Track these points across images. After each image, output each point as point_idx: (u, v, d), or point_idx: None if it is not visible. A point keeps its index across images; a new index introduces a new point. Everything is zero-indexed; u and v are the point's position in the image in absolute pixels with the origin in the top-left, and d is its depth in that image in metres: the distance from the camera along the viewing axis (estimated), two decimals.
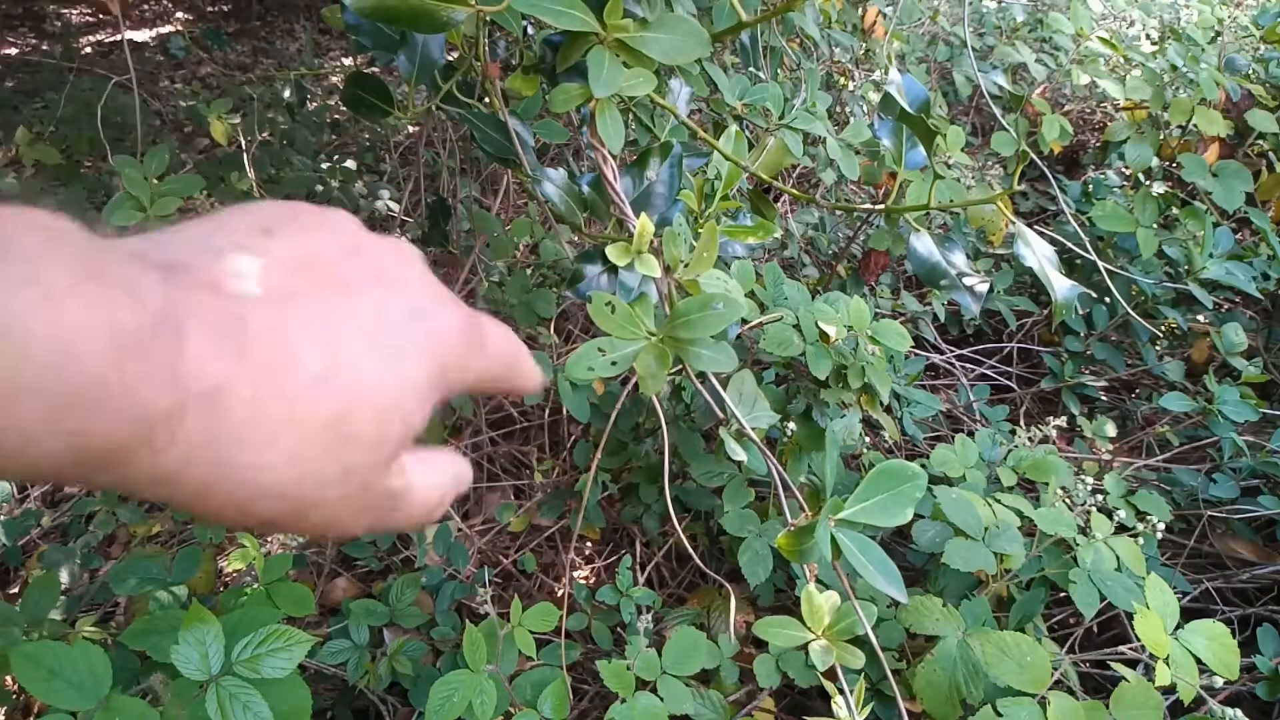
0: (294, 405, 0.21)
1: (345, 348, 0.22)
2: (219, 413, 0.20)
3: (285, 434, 0.21)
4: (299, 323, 0.21)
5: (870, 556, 0.50)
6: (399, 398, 0.23)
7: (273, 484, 0.21)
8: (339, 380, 0.22)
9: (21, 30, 3.81)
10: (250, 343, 0.20)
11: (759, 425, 0.82)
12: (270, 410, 0.21)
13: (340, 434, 0.22)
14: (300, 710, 0.74)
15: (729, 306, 0.50)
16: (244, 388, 0.20)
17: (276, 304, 0.21)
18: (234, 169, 1.91)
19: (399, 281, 0.25)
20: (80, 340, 0.17)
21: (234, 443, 0.20)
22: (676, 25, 0.57)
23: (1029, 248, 0.62)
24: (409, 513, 0.26)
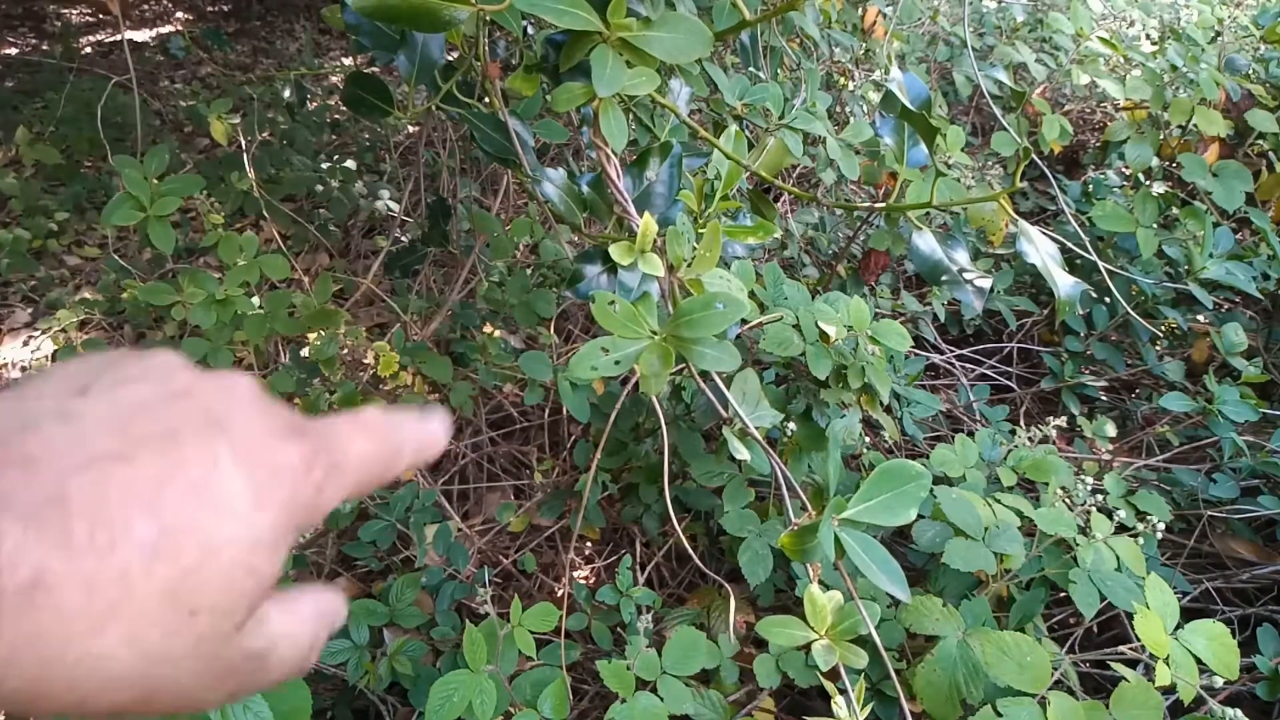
0: (126, 583, 0.19)
1: (176, 510, 0.20)
2: (39, 606, 0.18)
3: (119, 616, 0.19)
4: (123, 490, 0.20)
5: (874, 556, 0.50)
6: (242, 554, 0.21)
7: (113, 673, 0.20)
8: (174, 547, 0.20)
9: (21, 30, 3.81)
10: (74, 522, 0.19)
11: (762, 424, 0.82)
12: (99, 593, 0.19)
13: (182, 606, 0.20)
14: (300, 710, 0.74)
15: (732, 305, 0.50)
16: (69, 574, 0.19)
17: (97, 472, 0.20)
18: (234, 169, 1.91)
19: (229, 424, 0.23)
20: None
21: (61, 636, 0.19)
22: (679, 24, 0.57)
23: (1032, 245, 0.62)
24: (277, 670, 0.25)
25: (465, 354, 1.38)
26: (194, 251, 2.08)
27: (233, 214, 2.00)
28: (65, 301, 1.93)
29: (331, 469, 0.24)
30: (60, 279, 2.15)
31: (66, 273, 2.20)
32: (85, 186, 2.40)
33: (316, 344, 1.25)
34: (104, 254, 2.23)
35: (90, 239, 2.33)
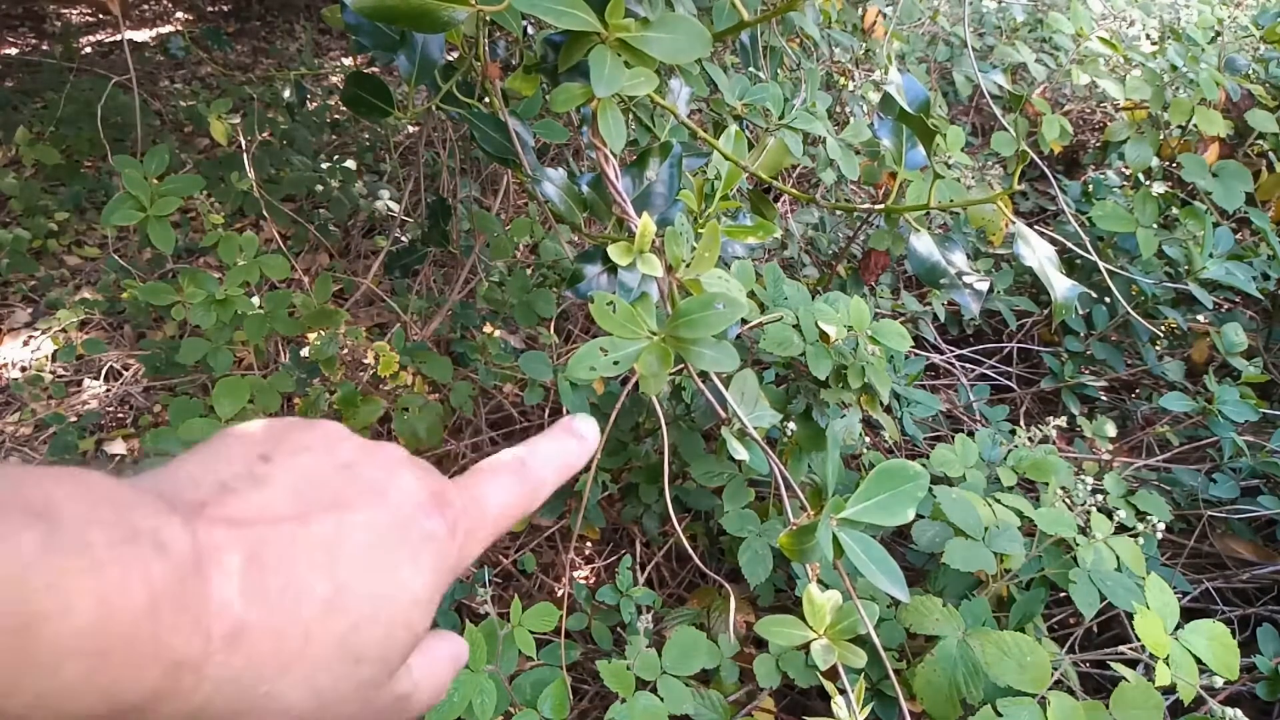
0: (307, 632, 0.22)
1: (348, 570, 0.23)
2: (240, 651, 0.21)
3: (300, 661, 0.22)
4: (305, 550, 0.23)
5: (872, 556, 0.50)
6: (402, 611, 0.25)
7: (288, 708, 0.23)
8: (345, 603, 0.23)
9: (21, 30, 3.81)
10: (267, 576, 0.22)
11: (761, 424, 0.82)
12: (287, 640, 0.22)
13: (350, 654, 0.23)
14: None
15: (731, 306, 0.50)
16: (263, 622, 0.22)
17: (285, 534, 0.23)
18: (234, 169, 1.91)
19: (387, 496, 0.26)
20: (120, 601, 0.19)
21: (255, 676, 0.22)
22: (678, 25, 0.57)
23: (1029, 247, 0.62)
24: (416, 709, 0.28)
25: (465, 354, 1.38)
26: (194, 251, 2.08)
27: (233, 214, 2.00)
28: (65, 301, 1.93)
29: (470, 533, 0.28)
30: (60, 279, 2.15)
31: (66, 273, 2.20)
32: (85, 186, 2.40)
33: (316, 344, 1.25)
34: (104, 254, 2.23)
35: (90, 239, 2.33)
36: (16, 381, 1.73)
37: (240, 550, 0.22)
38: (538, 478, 0.31)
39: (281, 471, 0.25)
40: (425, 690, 0.28)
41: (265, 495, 0.24)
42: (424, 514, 0.26)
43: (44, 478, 0.20)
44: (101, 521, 0.19)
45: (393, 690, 0.26)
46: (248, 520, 0.23)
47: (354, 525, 0.24)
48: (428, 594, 0.26)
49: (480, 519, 0.29)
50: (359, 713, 0.25)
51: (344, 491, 0.25)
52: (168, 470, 0.24)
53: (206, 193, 1.24)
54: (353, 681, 0.24)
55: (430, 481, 0.28)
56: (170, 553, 0.20)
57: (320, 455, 0.26)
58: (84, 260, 2.27)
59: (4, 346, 1.93)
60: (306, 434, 0.27)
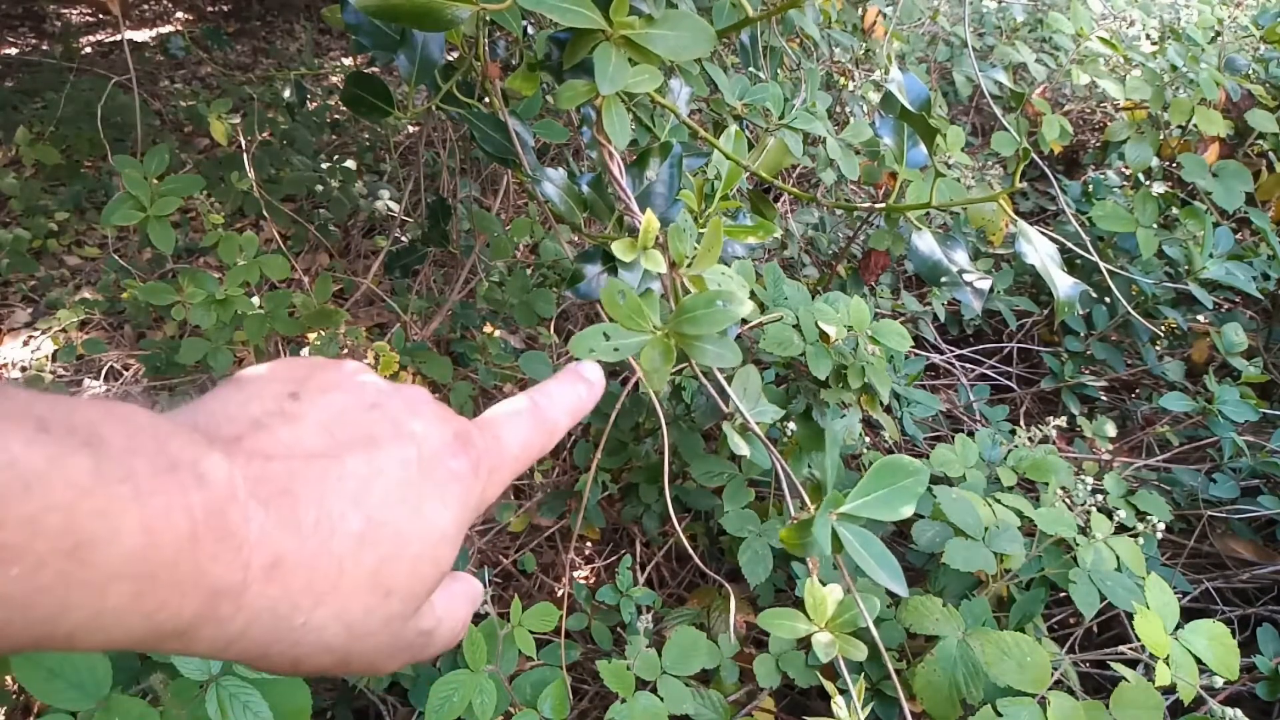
0: (340, 565, 0.23)
1: (379, 506, 0.24)
2: (277, 581, 0.22)
3: (334, 593, 0.23)
4: (338, 485, 0.23)
5: (871, 551, 0.50)
6: (430, 547, 0.25)
7: (323, 640, 0.24)
8: (377, 538, 0.24)
9: (21, 30, 3.81)
10: (302, 510, 0.22)
11: (763, 420, 0.82)
12: (321, 572, 0.23)
13: (381, 587, 0.24)
14: (300, 710, 0.74)
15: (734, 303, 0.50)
16: (298, 554, 0.22)
17: (318, 468, 0.23)
18: (234, 169, 1.91)
19: (414, 433, 0.27)
20: (163, 529, 0.19)
21: (290, 606, 0.22)
22: (682, 22, 0.57)
23: (1031, 245, 0.62)
24: (437, 645, 0.29)
25: (465, 354, 1.38)
26: (194, 251, 2.08)
27: (233, 214, 2.00)
28: (65, 301, 1.93)
29: (493, 470, 0.29)
30: (60, 279, 2.15)
31: (66, 273, 2.20)
32: (85, 186, 2.40)
33: (316, 344, 1.25)
34: (104, 254, 2.23)
35: (90, 239, 2.33)
36: (16, 381, 1.73)
37: (276, 483, 0.22)
38: (551, 419, 0.32)
39: (311, 408, 0.25)
40: (446, 627, 0.28)
41: (297, 431, 0.24)
42: (450, 452, 0.27)
43: (90, 408, 0.20)
44: (144, 451, 0.20)
45: (418, 625, 0.26)
46: (281, 455, 0.23)
47: (384, 462, 0.25)
48: (454, 530, 0.26)
49: (501, 458, 0.29)
50: (387, 645, 0.25)
51: (373, 429, 0.26)
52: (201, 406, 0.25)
53: (206, 193, 1.24)
54: (382, 614, 0.24)
55: (454, 422, 0.28)
56: (210, 483, 0.21)
57: (348, 394, 0.27)
58: (84, 260, 2.27)
59: (4, 346, 1.93)
60: (332, 373, 0.28)
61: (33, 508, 0.17)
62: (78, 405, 0.20)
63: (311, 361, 0.28)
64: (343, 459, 0.24)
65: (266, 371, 0.27)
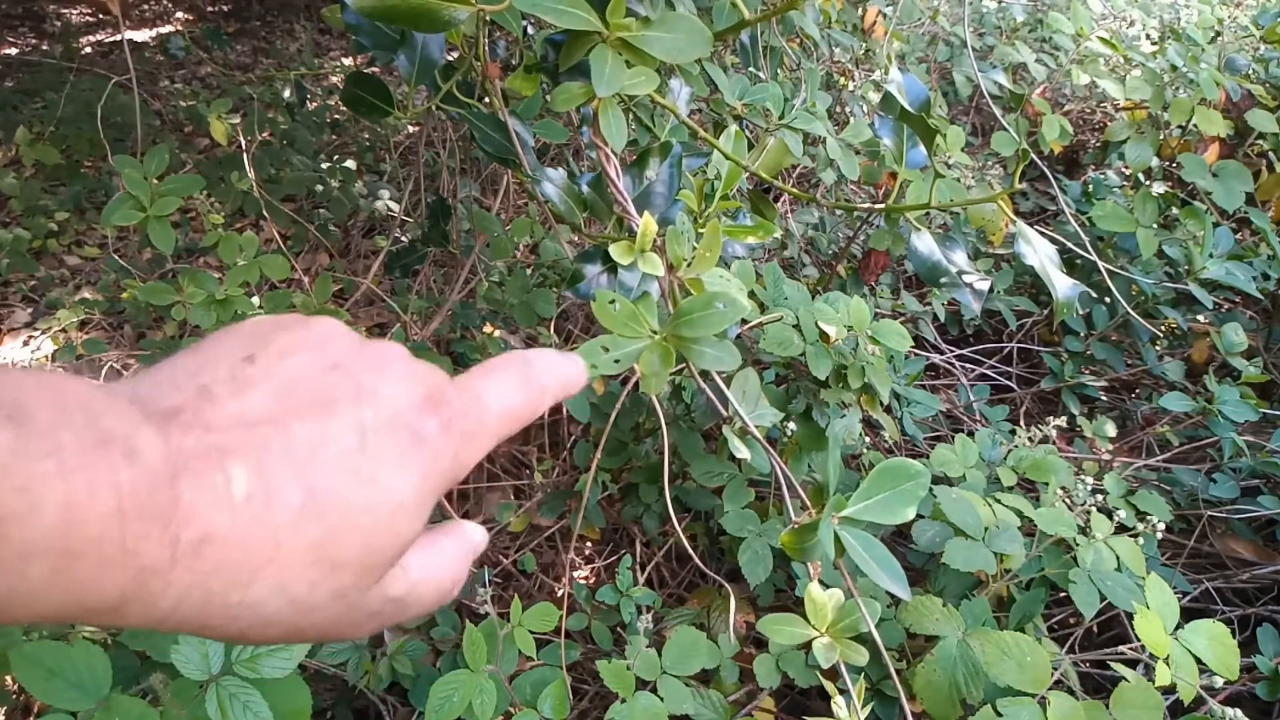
0: (276, 539, 0.22)
1: (324, 475, 0.23)
2: (207, 557, 0.21)
3: (269, 568, 0.22)
4: (280, 455, 0.22)
5: (874, 554, 0.50)
6: (384, 518, 0.24)
7: (263, 614, 0.23)
8: (320, 510, 0.23)
9: (21, 30, 3.81)
10: (234, 483, 0.22)
11: (762, 423, 0.82)
12: (254, 547, 0.22)
13: (325, 561, 0.23)
14: (300, 710, 0.74)
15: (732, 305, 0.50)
16: (229, 529, 0.21)
17: (259, 438, 0.22)
18: (234, 169, 1.91)
19: (376, 396, 0.25)
20: (87, 507, 0.19)
21: (222, 582, 0.22)
22: (678, 24, 0.57)
23: (1030, 246, 0.62)
24: (417, 608, 0.27)
25: (465, 354, 1.38)
26: (194, 251, 2.08)
27: (233, 214, 2.00)
28: (65, 301, 1.93)
29: (467, 434, 0.27)
30: (60, 279, 2.15)
31: (66, 273, 2.20)
32: (85, 186, 2.40)
33: None
34: (104, 254, 2.23)
35: (90, 239, 2.33)
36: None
37: (211, 457, 0.21)
38: (541, 383, 0.30)
39: (264, 374, 0.24)
40: (427, 588, 0.27)
41: (245, 399, 0.23)
42: (415, 414, 0.25)
43: (19, 379, 0.19)
44: (72, 425, 0.19)
45: (384, 593, 0.25)
46: (223, 426, 0.22)
47: (336, 428, 0.24)
48: (416, 498, 0.25)
49: (480, 420, 0.27)
50: (344, 615, 0.25)
51: (330, 393, 0.24)
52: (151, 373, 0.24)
53: (206, 193, 1.24)
54: (330, 588, 0.23)
55: (427, 379, 0.27)
56: (140, 459, 0.20)
57: (308, 355, 0.25)
58: (84, 260, 2.27)
59: (4, 346, 1.93)
60: (297, 333, 0.26)
61: None
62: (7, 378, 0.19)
63: (279, 320, 0.27)
64: (288, 426, 0.23)
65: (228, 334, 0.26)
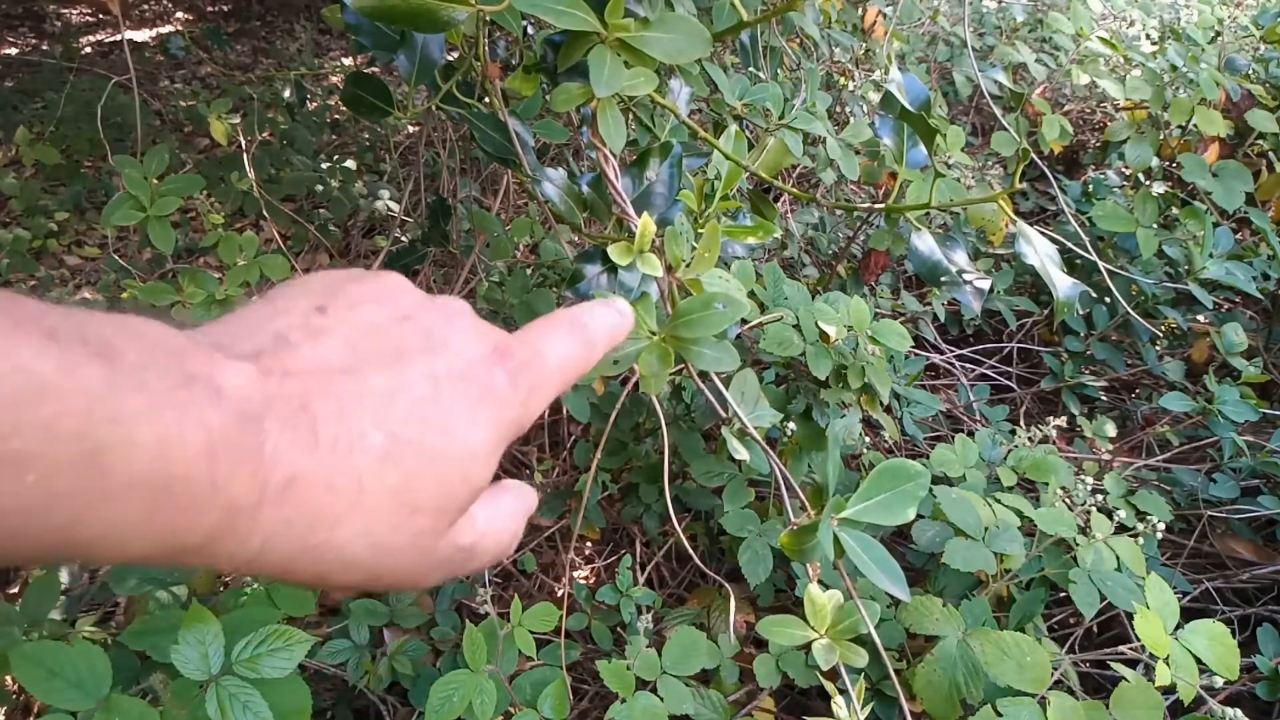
0: (360, 483, 0.23)
1: (403, 422, 0.24)
2: (293, 500, 0.22)
3: (353, 511, 0.23)
4: (359, 402, 0.23)
5: (873, 555, 0.50)
6: (459, 465, 0.25)
7: (345, 557, 0.23)
8: (400, 455, 0.23)
9: (21, 30, 3.81)
10: (319, 428, 0.22)
11: (761, 424, 0.82)
12: (339, 491, 0.22)
13: (405, 505, 0.24)
14: (300, 710, 0.74)
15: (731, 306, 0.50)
16: (315, 473, 0.22)
17: (339, 385, 0.23)
18: (234, 169, 1.91)
19: (446, 348, 0.26)
20: (179, 443, 0.19)
21: (307, 525, 0.22)
22: (677, 25, 0.57)
23: (1030, 246, 0.62)
24: (481, 559, 0.28)
25: None
26: (194, 251, 2.08)
27: (233, 214, 2.00)
28: (65, 301, 1.93)
29: (533, 387, 0.28)
30: (60, 279, 2.15)
31: (66, 273, 2.20)
32: (85, 186, 2.40)
33: None
34: (104, 254, 2.23)
35: (90, 239, 2.33)
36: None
37: (294, 401, 0.22)
38: (593, 336, 0.31)
39: (338, 323, 0.25)
40: (491, 540, 0.28)
41: (321, 347, 0.24)
42: (484, 366, 0.26)
43: (103, 320, 0.20)
44: (158, 365, 0.20)
45: (454, 541, 0.26)
46: (302, 372, 0.23)
47: (410, 377, 0.24)
48: (487, 447, 0.26)
49: (543, 372, 0.28)
50: (418, 561, 0.25)
51: (402, 343, 0.25)
52: (226, 322, 0.24)
53: (206, 193, 1.24)
54: (408, 531, 0.24)
55: (493, 335, 0.28)
56: (225, 400, 0.20)
57: (380, 306, 0.26)
58: (84, 260, 2.27)
59: None
60: (366, 285, 0.27)
61: (47, 413, 0.17)
62: (90, 318, 0.19)
63: (348, 274, 0.27)
64: (366, 375, 0.24)
65: (298, 285, 0.27)
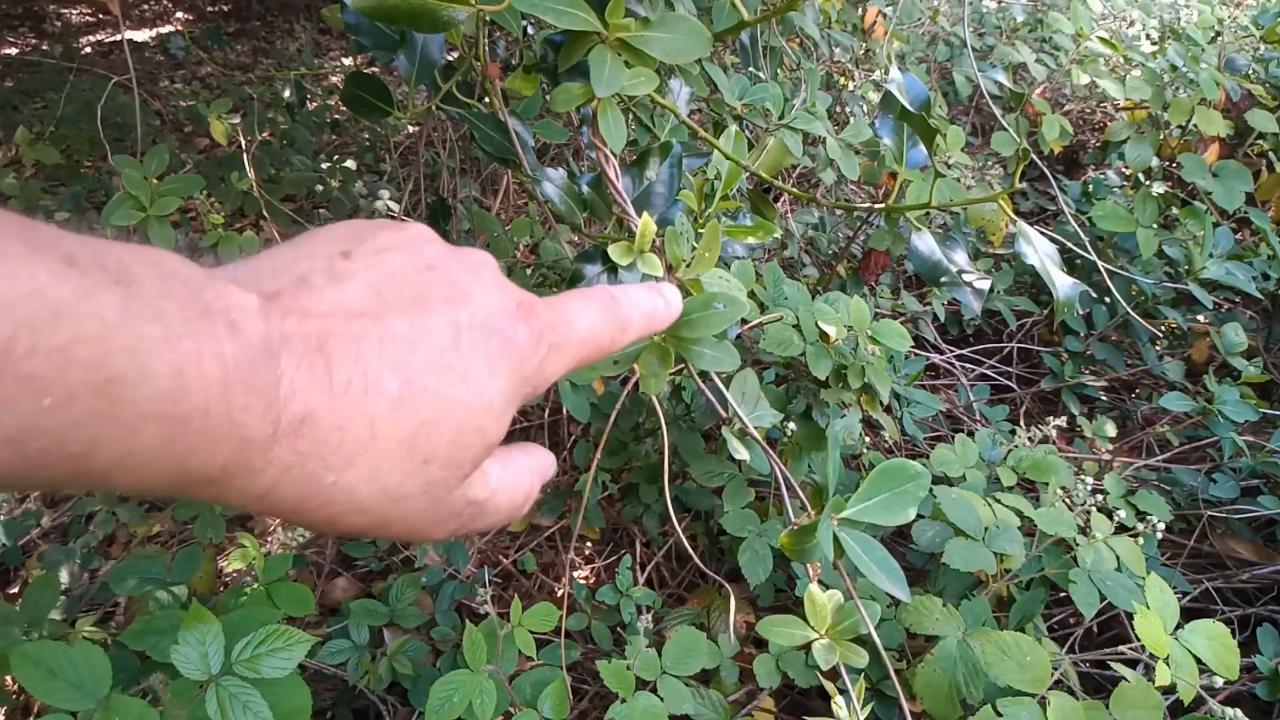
0: (373, 427, 0.23)
1: (420, 370, 0.23)
2: (306, 438, 0.22)
3: (365, 455, 0.23)
4: (377, 347, 0.23)
5: (873, 556, 0.50)
6: (474, 416, 0.25)
7: (355, 500, 0.23)
8: (415, 402, 0.23)
9: (21, 30, 3.81)
10: (335, 369, 0.22)
11: (761, 424, 0.82)
12: (352, 433, 0.22)
13: (417, 453, 0.24)
14: (300, 710, 0.74)
15: (731, 306, 0.50)
16: (328, 413, 0.22)
17: (357, 329, 0.23)
18: (234, 169, 1.91)
19: (470, 298, 0.26)
20: (194, 374, 0.19)
21: (320, 464, 0.22)
22: (678, 24, 0.57)
23: (1030, 245, 0.62)
24: (493, 517, 0.28)
25: None
26: (194, 251, 2.08)
27: (233, 214, 2.00)
28: None
29: (555, 347, 0.27)
30: None
31: None
32: (85, 186, 2.40)
33: None
34: None
35: None
36: None
37: (311, 341, 0.22)
38: (626, 315, 0.31)
39: (362, 268, 0.25)
40: (502, 499, 0.28)
41: (343, 290, 0.24)
42: (506, 319, 0.26)
43: (121, 249, 0.20)
44: (176, 296, 0.19)
45: (466, 494, 0.26)
46: (321, 313, 0.23)
47: (431, 324, 0.24)
48: (503, 400, 0.25)
49: (567, 335, 0.28)
50: (429, 510, 0.25)
51: (425, 291, 0.25)
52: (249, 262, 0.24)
53: (206, 193, 1.24)
54: (420, 480, 0.24)
55: (518, 292, 0.27)
56: (242, 334, 0.20)
57: (404, 254, 0.26)
58: None
59: None
60: (392, 234, 0.27)
61: (62, 338, 0.17)
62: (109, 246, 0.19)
63: (374, 223, 0.27)
64: (386, 320, 0.23)
65: (323, 231, 0.27)
